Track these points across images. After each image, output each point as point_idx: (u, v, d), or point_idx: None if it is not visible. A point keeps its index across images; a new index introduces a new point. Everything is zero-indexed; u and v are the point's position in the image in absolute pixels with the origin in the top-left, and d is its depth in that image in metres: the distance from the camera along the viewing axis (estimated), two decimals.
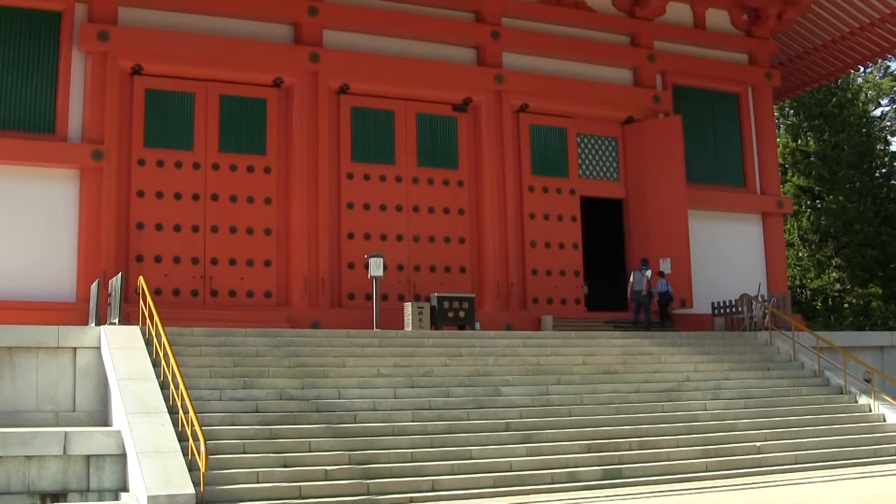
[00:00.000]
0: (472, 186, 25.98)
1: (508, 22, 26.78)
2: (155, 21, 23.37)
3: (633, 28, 28.40)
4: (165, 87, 23.53)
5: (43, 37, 22.59)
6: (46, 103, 22.39)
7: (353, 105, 25.01)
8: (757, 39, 30.40)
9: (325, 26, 24.69)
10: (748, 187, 29.64)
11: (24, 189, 21.75)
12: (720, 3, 30.04)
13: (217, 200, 23.48)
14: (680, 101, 28.74)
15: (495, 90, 26.03)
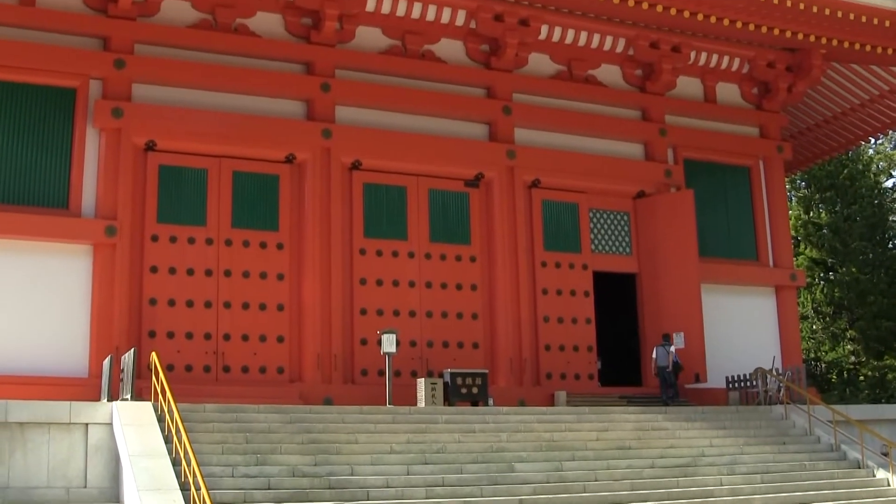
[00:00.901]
0: (485, 262, 25.98)
1: (520, 97, 26.98)
2: (168, 98, 23.60)
3: (645, 102, 28.59)
4: (179, 163, 23.66)
5: (58, 113, 22.80)
6: (60, 179, 22.53)
7: (366, 181, 25.12)
8: (768, 113, 30.52)
9: (337, 103, 24.89)
10: (761, 260, 29.58)
11: (37, 264, 21.79)
12: (730, 77, 30.22)
13: (230, 276, 23.50)
14: (691, 175, 28.81)
15: (507, 166, 26.13)
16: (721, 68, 29.88)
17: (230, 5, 24.32)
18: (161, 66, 23.54)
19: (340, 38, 25.24)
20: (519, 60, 27.05)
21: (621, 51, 28.27)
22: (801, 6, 24.92)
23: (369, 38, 25.80)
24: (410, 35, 26.04)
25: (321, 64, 24.87)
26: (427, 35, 26.26)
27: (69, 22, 23.00)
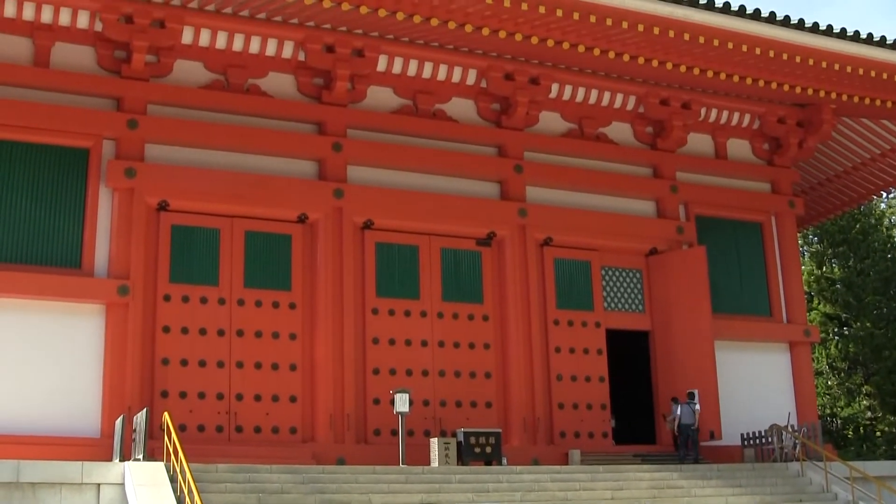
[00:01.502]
0: (498, 321, 25.95)
1: (531, 156, 27.08)
2: (181, 158, 23.74)
3: (656, 159, 28.66)
4: (191, 223, 23.75)
5: (71, 173, 22.92)
6: (74, 238, 22.60)
7: (378, 240, 25.18)
8: (779, 168, 30.57)
9: (349, 162, 25.01)
10: (774, 316, 29.50)
11: (50, 323, 21.82)
12: (741, 133, 30.31)
13: (242, 336, 23.49)
14: (703, 231, 28.83)
15: (519, 224, 26.18)
16: (731, 124, 29.99)
17: (242, 66, 24.53)
18: (174, 127, 23.70)
19: (352, 97, 25.42)
20: (530, 119, 27.21)
21: (632, 108, 28.42)
22: (810, 62, 25.00)
23: (381, 98, 25.99)
24: (421, 94, 26.22)
25: (333, 124, 25.02)
26: (438, 94, 26.45)
27: (83, 83, 23.19)
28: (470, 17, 22.56)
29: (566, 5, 22.22)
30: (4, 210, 22.15)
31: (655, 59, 25.09)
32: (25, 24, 22.78)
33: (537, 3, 21.99)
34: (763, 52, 24.50)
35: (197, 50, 24.12)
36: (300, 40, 24.52)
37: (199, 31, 23.82)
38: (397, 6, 21.96)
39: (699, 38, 23.75)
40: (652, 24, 23.18)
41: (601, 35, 23.59)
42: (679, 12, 23.12)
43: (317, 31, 24.40)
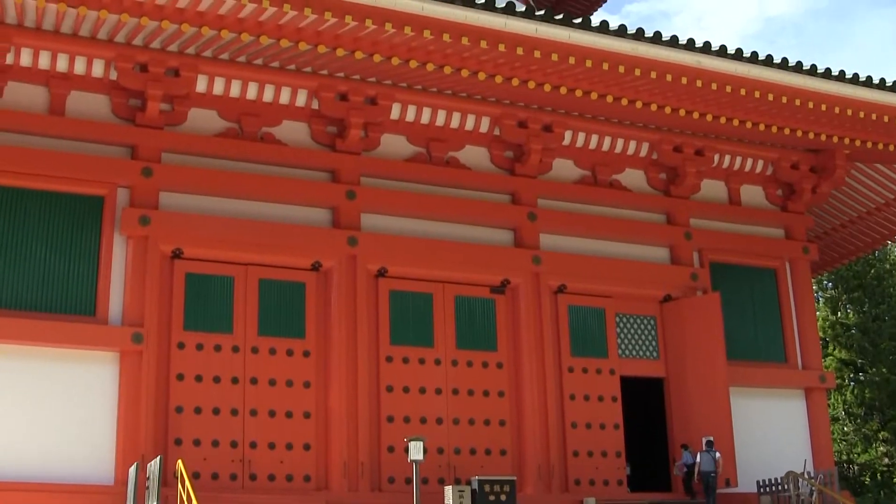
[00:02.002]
0: (512, 368, 25.85)
1: (545, 203, 27.07)
2: (195, 206, 23.78)
3: (669, 206, 28.65)
4: (205, 270, 23.76)
5: (85, 221, 22.96)
6: (88, 286, 22.60)
7: (392, 288, 25.15)
8: (792, 214, 30.52)
9: (362, 210, 25.02)
10: (789, 362, 29.37)
11: (64, 370, 21.80)
12: (754, 179, 30.30)
13: (256, 384, 23.44)
14: (718, 278, 28.72)
15: (533, 272, 26.15)
16: (745, 170, 29.97)
17: (256, 114, 24.64)
18: (188, 175, 23.76)
19: (365, 145, 25.49)
20: (543, 166, 27.22)
21: (645, 155, 28.44)
22: (822, 107, 25.02)
23: (394, 146, 26.04)
24: (435, 142, 26.28)
25: (346, 172, 25.06)
26: (451, 142, 26.50)
27: (98, 131, 23.28)
28: (483, 65, 22.67)
29: (579, 53, 22.32)
30: (19, 257, 22.19)
31: (668, 106, 25.16)
32: (41, 72, 22.92)
33: (550, 51, 22.10)
34: (775, 98, 24.53)
35: (211, 98, 24.24)
36: (314, 89, 24.64)
37: (214, 79, 23.94)
38: (410, 54, 22.09)
39: (712, 85, 23.80)
40: (665, 71, 23.25)
41: (614, 82, 23.68)
42: (691, 59, 23.19)
43: (330, 80, 24.52)
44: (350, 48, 21.86)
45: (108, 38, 22.62)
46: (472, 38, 21.44)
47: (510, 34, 21.65)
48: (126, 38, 22.64)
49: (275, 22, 20.89)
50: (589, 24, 22.17)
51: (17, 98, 22.86)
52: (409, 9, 20.68)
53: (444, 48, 21.79)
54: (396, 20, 20.79)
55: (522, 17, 21.57)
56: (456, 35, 21.28)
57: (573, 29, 22.01)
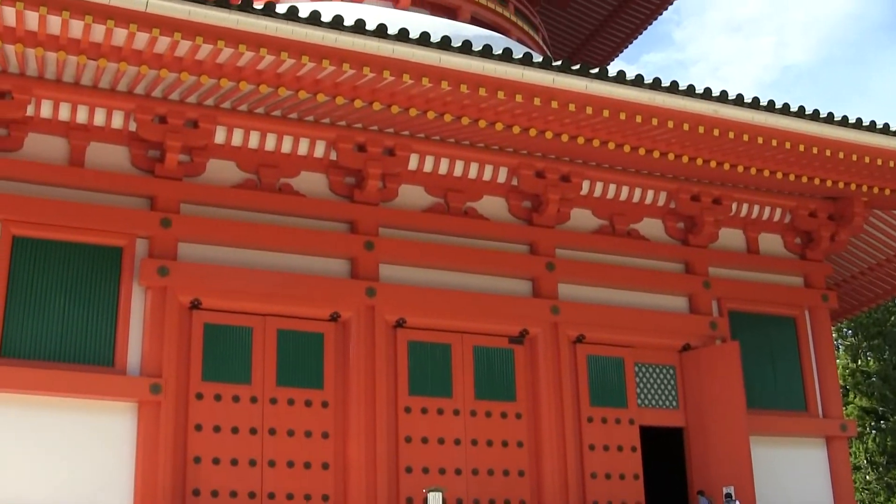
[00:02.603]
0: (531, 419, 25.74)
1: (563, 253, 27.08)
2: (214, 256, 23.84)
3: (688, 255, 28.60)
4: (224, 321, 23.76)
5: (104, 272, 22.99)
6: (106, 336, 22.61)
7: (410, 339, 25.11)
8: (811, 262, 30.45)
9: (380, 261, 25.05)
10: (810, 411, 29.19)
11: (81, 421, 21.77)
12: (772, 227, 30.26)
13: (275, 435, 23.37)
14: (737, 326, 28.65)
15: (551, 322, 26.09)
16: (763, 219, 29.92)
17: (274, 165, 24.73)
18: (206, 226, 23.83)
19: (383, 196, 25.54)
20: (561, 216, 27.24)
21: (663, 204, 28.44)
22: (840, 155, 25.01)
23: (412, 196, 26.10)
24: (453, 193, 26.33)
25: (364, 222, 25.11)
26: (469, 192, 26.55)
27: (117, 182, 23.37)
28: (500, 116, 22.75)
29: (596, 103, 22.38)
30: (39, 308, 22.23)
31: (686, 155, 25.18)
32: (61, 124, 23.06)
33: (567, 101, 22.17)
34: (793, 146, 24.53)
35: (230, 149, 24.35)
36: (332, 140, 24.72)
37: (232, 130, 24.06)
38: (428, 105, 22.18)
39: (729, 133, 23.83)
40: (682, 120, 23.29)
41: (631, 132, 23.73)
42: (708, 108, 23.23)
43: (348, 131, 24.62)
44: (368, 99, 21.98)
45: (127, 90, 22.76)
46: (490, 89, 21.53)
47: (527, 85, 21.73)
48: (145, 90, 22.79)
49: (293, 74, 21.01)
50: (606, 74, 22.24)
51: (37, 149, 23.01)
52: (426, 60, 20.78)
53: (462, 99, 21.89)
54: (414, 72, 20.89)
55: (539, 68, 21.66)
56: (473, 86, 21.37)
57: (590, 79, 22.08)
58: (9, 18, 19.15)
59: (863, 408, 41.96)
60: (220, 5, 19.46)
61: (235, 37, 19.84)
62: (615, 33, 43.25)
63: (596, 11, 42.33)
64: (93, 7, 18.89)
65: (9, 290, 22.05)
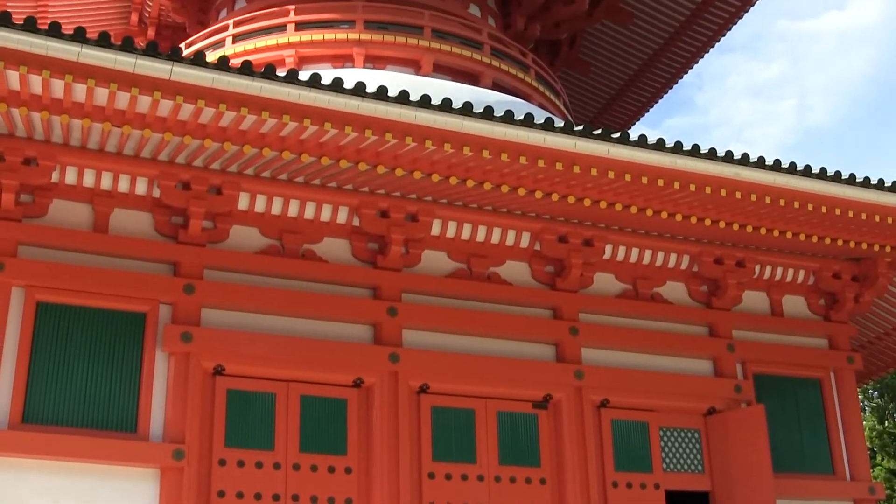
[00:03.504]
0: (555, 484, 25.50)
1: (586, 317, 26.97)
2: (237, 322, 23.82)
3: (711, 318, 28.47)
4: (247, 387, 23.68)
5: (128, 337, 22.97)
6: (129, 402, 22.53)
7: (434, 404, 24.96)
8: (835, 324, 30.26)
9: (404, 326, 24.96)
10: (837, 474, 28.89)
11: (103, 487, 21.63)
12: (796, 289, 30.13)
13: (298, 501, 23.18)
14: (762, 389, 28.43)
15: (575, 386, 25.93)
16: (786, 281, 29.80)
17: (298, 231, 24.79)
18: (230, 292, 23.84)
19: (406, 262, 25.53)
20: (584, 280, 27.18)
21: (686, 267, 28.36)
22: (863, 216, 24.95)
23: (435, 262, 26.08)
24: (476, 258, 26.29)
25: (388, 288, 25.08)
26: (492, 258, 26.51)
27: (140, 248, 23.44)
28: (523, 181, 22.81)
29: (618, 167, 22.43)
30: (61, 373, 22.22)
31: (708, 218, 25.16)
32: (86, 190, 23.20)
33: (589, 165, 22.22)
34: (815, 208, 24.49)
35: (253, 216, 24.45)
36: (355, 205, 24.80)
37: (256, 196, 24.17)
38: (450, 171, 22.26)
39: (751, 196, 23.81)
40: (704, 184, 23.30)
41: (653, 195, 23.74)
42: (730, 170, 23.23)
43: (371, 197, 24.69)
44: (390, 165, 22.07)
45: (151, 156, 22.93)
46: (512, 154, 21.61)
47: (549, 150, 21.80)
48: (169, 156, 22.96)
49: (316, 140, 21.15)
50: (627, 138, 22.30)
51: (61, 215, 23.14)
52: (449, 126, 20.90)
53: (484, 164, 21.96)
54: (437, 137, 21.00)
55: (561, 133, 21.74)
56: (495, 151, 21.46)
57: (612, 143, 22.14)
58: (35, 86, 19.38)
59: (890, 469, 41.59)
60: (243, 73, 19.65)
61: (259, 104, 20.02)
62: (636, 97, 43.56)
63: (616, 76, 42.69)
64: (118, 75, 19.10)
65: (32, 356, 22.05)
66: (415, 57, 31.72)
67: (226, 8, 35.84)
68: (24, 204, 22.74)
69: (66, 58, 18.77)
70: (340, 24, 31.82)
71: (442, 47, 31.94)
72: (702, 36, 41.26)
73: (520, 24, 36.65)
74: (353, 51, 31.21)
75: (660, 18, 40.61)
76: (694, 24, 40.61)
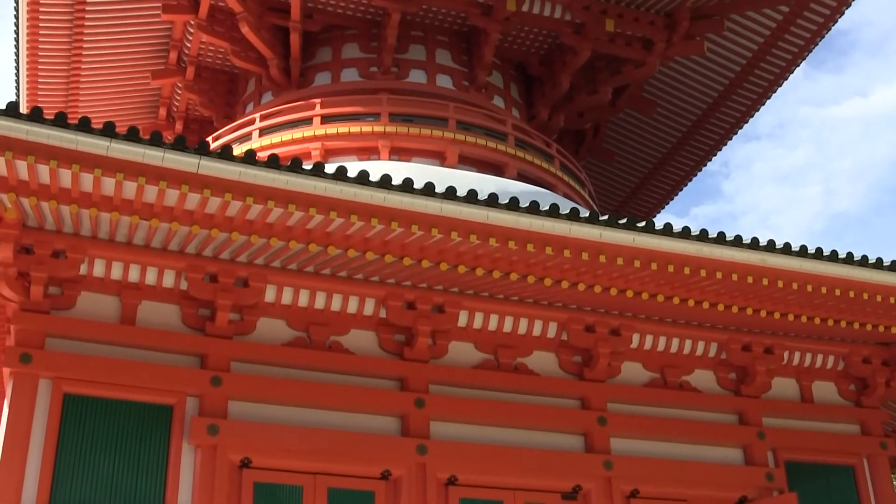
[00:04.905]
0: None
1: (614, 407, 26.79)
2: (264, 415, 23.76)
3: (741, 406, 28.21)
4: (274, 480, 23.52)
5: (154, 430, 22.91)
6: (155, 494, 22.39)
7: (463, 496, 24.68)
8: (867, 409, 29.96)
9: (431, 418, 24.82)
10: None
11: None
12: (826, 375, 29.92)
13: None
14: (793, 477, 28.12)
15: (605, 477, 25.63)
16: (816, 367, 29.60)
17: (324, 323, 24.82)
18: (257, 384, 23.79)
19: (433, 353, 25.50)
20: (612, 370, 27.06)
21: (714, 355, 28.22)
22: (891, 300, 24.83)
23: (462, 353, 26.02)
24: (503, 348, 26.22)
25: (415, 379, 25.00)
26: (519, 348, 26.43)
27: (167, 340, 23.48)
28: (549, 271, 22.82)
29: (644, 256, 22.44)
30: (88, 465, 22.14)
31: (735, 305, 25.10)
32: (113, 282, 23.35)
33: (615, 255, 22.24)
34: (843, 293, 24.40)
35: (280, 308, 24.52)
36: (381, 297, 24.85)
37: (282, 289, 24.25)
38: (476, 262, 22.31)
39: (778, 282, 23.75)
40: (730, 271, 23.28)
41: (680, 284, 23.71)
42: (756, 257, 23.22)
43: (398, 288, 24.74)
44: (417, 257, 22.15)
45: (179, 249, 23.11)
46: (538, 244, 21.66)
47: (575, 239, 21.85)
48: (196, 248, 23.11)
49: (342, 233, 21.25)
50: (653, 226, 22.33)
51: (89, 308, 23.26)
52: (474, 217, 20.99)
53: (510, 255, 22.00)
54: (462, 229, 21.09)
55: (586, 223, 21.79)
56: (521, 242, 21.51)
57: (637, 232, 22.18)
58: (64, 180, 19.63)
59: None
60: (270, 166, 19.83)
61: (286, 196, 20.18)
62: (661, 185, 43.73)
63: (641, 164, 42.92)
64: (146, 169, 19.34)
65: (59, 447, 22.01)
66: (440, 149, 31.99)
67: (252, 102, 36.31)
68: (53, 296, 22.90)
69: (95, 152, 19.06)
70: (366, 116, 32.16)
71: (467, 139, 32.21)
72: (725, 124, 41.53)
73: (543, 114, 36.92)
74: (379, 143, 31.53)
75: (682, 107, 40.92)
76: (717, 111, 40.91)
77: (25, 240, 22.06)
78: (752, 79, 39.51)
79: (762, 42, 38.03)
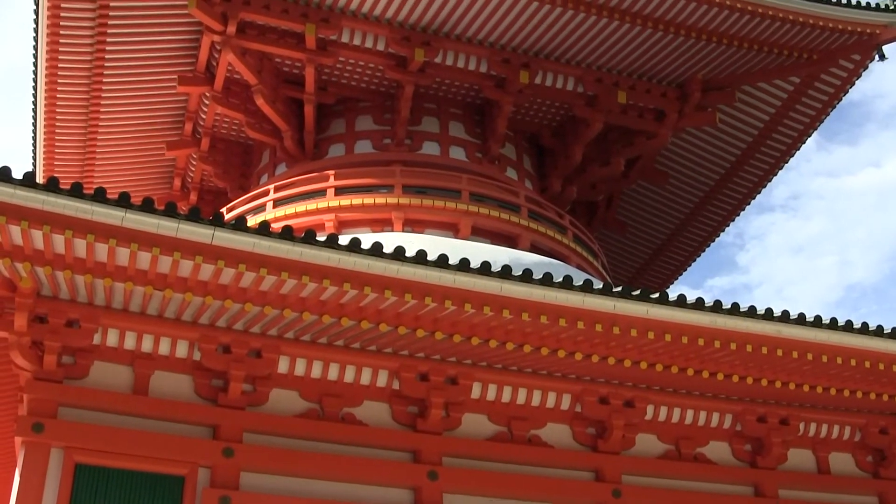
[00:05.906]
0: None
1: (629, 479, 26.49)
2: (275, 486, 23.54)
3: (756, 478, 27.87)
4: None
5: (165, 501, 22.72)
6: None
7: None
8: (885, 480, 29.61)
9: (444, 490, 24.56)
10: None
11: None
12: (843, 446, 29.63)
13: None
14: None
15: None
16: (832, 438, 29.33)
17: (337, 395, 24.73)
18: (269, 455, 23.63)
19: (447, 425, 25.32)
20: (626, 442, 26.85)
21: (729, 426, 27.97)
22: None
23: (475, 425, 25.83)
24: (516, 420, 26.04)
25: (428, 452, 24.80)
26: (533, 420, 26.25)
27: (180, 411, 23.41)
28: (562, 343, 22.79)
29: (657, 327, 22.40)
30: None
31: (750, 376, 25.02)
32: (126, 352, 23.36)
33: (629, 326, 22.21)
34: (859, 364, 24.30)
35: (293, 379, 24.46)
36: (395, 369, 24.79)
37: (295, 360, 24.21)
38: (490, 334, 22.29)
39: (793, 353, 23.68)
40: (745, 342, 23.23)
41: (694, 355, 23.64)
42: (770, 328, 23.17)
43: (411, 360, 24.66)
44: (430, 329, 22.14)
45: (192, 319, 23.12)
46: (551, 316, 21.64)
47: (588, 311, 21.84)
48: (210, 319, 23.14)
49: (355, 304, 21.28)
50: (667, 298, 22.32)
51: (101, 377, 23.22)
52: (487, 289, 21.01)
53: (524, 327, 21.98)
54: (476, 301, 21.09)
55: (600, 294, 21.80)
56: (535, 314, 21.50)
57: (651, 304, 22.16)
58: (79, 250, 19.71)
59: None
60: (284, 238, 19.90)
61: (299, 268, 20.23)
62: (675, 256, 43.75)
63: (654, 235, 42.98)
64: (160, 240, 19.43)
65: None
66: (453, 220, 32.08)
67: (266, 173, 36.51)
68: (66, 365, 22.89)
69: (110, 222, 19.19)
70: (379, 188, 32.33)
71: (480, 210, 32.30)
72: (737, 194, 41.63)
73: (556, 185, 37.08)
74: (392, 215, 31.64)
75: (695, 178, 41.04)
76: (729, 182, 41.02)
77: (40, 309, 22.12)
78: (765, 149, 39.68)
79: (774, 113, 38.25)
